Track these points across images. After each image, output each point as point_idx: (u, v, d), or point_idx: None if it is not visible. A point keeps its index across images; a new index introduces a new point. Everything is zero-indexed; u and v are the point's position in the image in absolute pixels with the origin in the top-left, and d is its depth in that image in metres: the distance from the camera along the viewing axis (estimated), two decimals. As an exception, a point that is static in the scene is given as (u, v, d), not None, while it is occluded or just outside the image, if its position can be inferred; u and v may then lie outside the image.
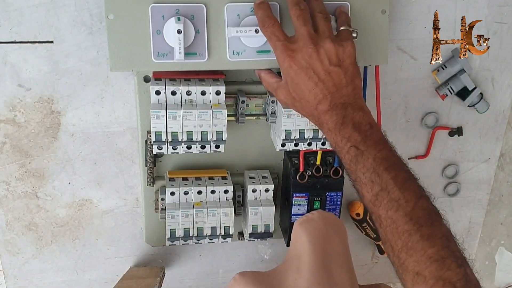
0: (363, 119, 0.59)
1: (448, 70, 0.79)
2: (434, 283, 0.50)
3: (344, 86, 0.60)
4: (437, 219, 0.55)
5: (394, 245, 0.55)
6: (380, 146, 0.58)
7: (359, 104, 0.61)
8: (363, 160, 0.58)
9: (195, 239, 0.75)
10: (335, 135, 0.60)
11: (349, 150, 0.58)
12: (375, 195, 0.56)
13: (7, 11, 0.66)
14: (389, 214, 0.55)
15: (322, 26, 0.61)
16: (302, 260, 0.61)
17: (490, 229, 1.35)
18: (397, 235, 0.54)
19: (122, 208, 0.81)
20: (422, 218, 0.54)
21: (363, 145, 0.58)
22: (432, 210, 0.55)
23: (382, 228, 0.56)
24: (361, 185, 0.58)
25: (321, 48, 0.60)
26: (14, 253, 0.81)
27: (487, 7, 0.78)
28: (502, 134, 0.87)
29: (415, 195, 0.56)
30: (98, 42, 0.69)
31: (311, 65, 0.60)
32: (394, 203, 0.55)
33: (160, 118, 0.65)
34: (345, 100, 0.60)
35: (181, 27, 0.62)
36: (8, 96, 0.71)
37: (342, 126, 0.59)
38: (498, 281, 1.43)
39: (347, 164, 0.59)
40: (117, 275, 0.83)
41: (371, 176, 0.57)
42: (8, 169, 0.75)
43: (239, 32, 0.64)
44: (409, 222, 0.54)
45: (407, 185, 0.56)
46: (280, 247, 0.89)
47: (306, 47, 0.60)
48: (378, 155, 0.57)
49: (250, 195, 0.75)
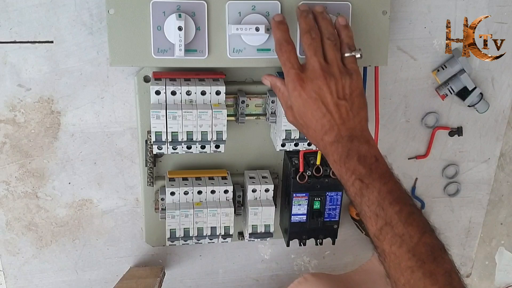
0: (369, 152, 0.60)
1: (448, 70, 0.79)
2: None
3: (351, 119, 0.61)
4: (440, 255, 0.55)
5: (397, 281, 0.55)
6: (385, 179, 0.58)
7: (365, 137, 0.61)
8: (368, 193, 0.57)
9: (195, 239, 0.75)
10: (340, 167, 0.60)
11: (354, 183, 0.58)
12: (379, 229, 0.56)
13: (7, 11, 0.66)
14: (393, 250, 0.55)
15: (331, 55, 0.62)
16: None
17: (490, 229, 1.35)
18: (400, 271, 0.54)
19: (122, 208, 0.81)
20: (425, 254, 0.54)
21: (368, 178, 0.58)
22: (436, 245, 0.55)
23: (386, 263, 0.56)
24: (366, 218, 0.58)
25: (331, 81, 0.60)
26: (14, 253, 0.81)
27: (487, 7, 0.78)
28: (502, 134, 0.87)
29: (419, 230, 0.55)
30: (98, 42, 0.69)
31: (320, 96, 0.60)
32: (398, 238, 0.55)
33: (160, 118, 0.65)
34: (351, 133, 0.60)
35: (182, 24, 0.62)
36: (8, 96, 0.71)
37: (347, 159, 0.59)
38: (498, 281, 1.43)
39: (352, 196, 0.59)
40: (117, 275, 0.83)
41: (375, 210, 0.57)
42: (8, 169, 0.75)
43: (240, 30, 0.64)
44: (412, 259, 0.54)
45: (411, 219, 0.56)
46: (280, 247, 0.89)
47: (317, 79, 0.60)
48: (383, 188, 0.57)
49: (250, 195, 0.75)
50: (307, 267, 0.93)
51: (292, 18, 0.65)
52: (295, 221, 0.76)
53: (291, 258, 0.91)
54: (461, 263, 0.98)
